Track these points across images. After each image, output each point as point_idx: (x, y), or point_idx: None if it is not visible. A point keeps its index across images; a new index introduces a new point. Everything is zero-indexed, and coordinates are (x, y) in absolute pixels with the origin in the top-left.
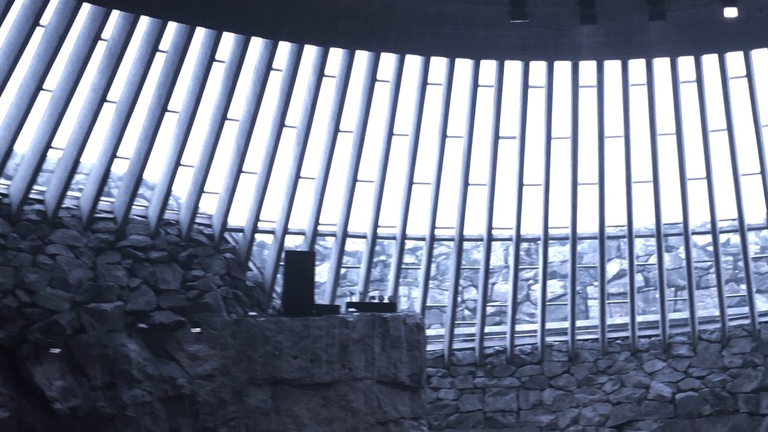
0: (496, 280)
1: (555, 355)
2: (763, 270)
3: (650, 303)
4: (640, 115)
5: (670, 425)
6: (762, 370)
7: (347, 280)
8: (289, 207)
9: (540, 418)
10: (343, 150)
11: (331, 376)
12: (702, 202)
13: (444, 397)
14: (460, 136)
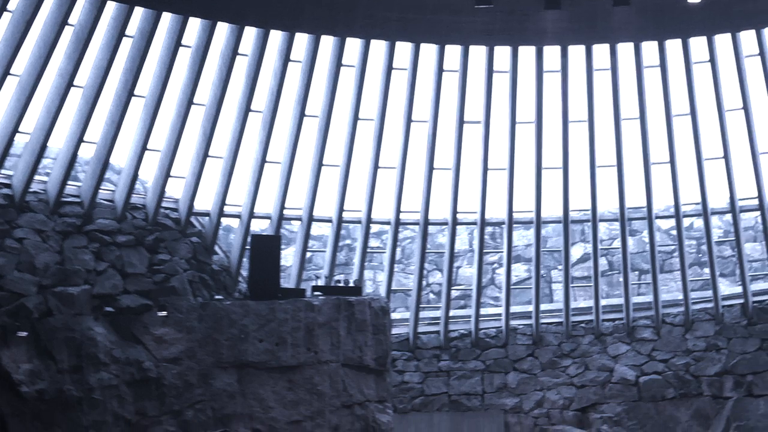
0: (460, 263)
1: (519, 338)
2: (726, 254)
3: (614, 287)
4: (604, 99)
5: (633, 408)
6: (725, 353)
7: (313, 263)
8: (254, 191)
9: (504, 401)
10: (309, 134)
11: (296, 359)
12: (665, 187)
13: (409, 380)
14: (425, 121)
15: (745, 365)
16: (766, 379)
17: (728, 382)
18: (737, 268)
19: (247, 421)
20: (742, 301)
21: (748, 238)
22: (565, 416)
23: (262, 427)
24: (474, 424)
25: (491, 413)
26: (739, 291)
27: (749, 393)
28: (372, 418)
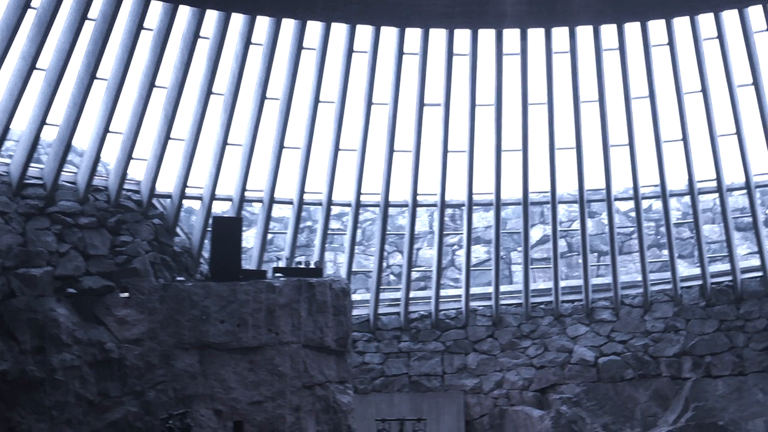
0: (421, 245)
1: (479, 319)
2: (685, 235)
3: (573, 268)
4: (563, 82)
5: (592, 389)
6: (684, 334)
7: (274, 245)
8: (216, 173)
9: (464, 382)
10: (270, 117)
11: (257, 340)
12: (624, 169)
13: (370, 361)
14: (385, 104)
15: (703, 346)
16: (724, 360)
17: (687, 363)
18: (696, 249)
19: (208, 402)
20: (701, 282)
21: (706, 220)
22: (524, 397)
23: (223, 408)
24: (434, 405)
25: (451, 394)
26: (698, 272)
27: (708, 374)
28: (333, 398)
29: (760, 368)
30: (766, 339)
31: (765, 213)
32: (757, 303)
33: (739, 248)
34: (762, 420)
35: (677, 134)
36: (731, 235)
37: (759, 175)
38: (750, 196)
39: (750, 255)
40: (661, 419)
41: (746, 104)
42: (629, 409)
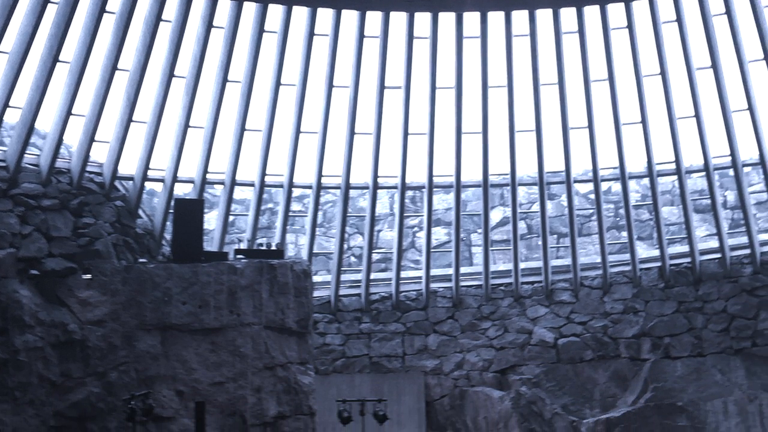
0: (381, 227)
1: (439, 301)
2: (644, 217)
3: (533, 250)
4: (523, 65)
5: (552, 370)
6: (643, 315)
7: (235, 227)
8: (178, 156)
9: (425, 363)
10: (232, 100)
11: (219, 321)
12: (584, 151)
13: (330, 342)
14: (346, 87)
15: (662, 327)
16: (683, 341)
17: (646, 344)
18: (655, 231)
19: (170, 383)
20: (660, 264)
21: (665, 202)
22: (484, 378)
23: (185, 389)
24: (395, 386)
25: (412, 375)
26: (657, 254)
27: (666, 355)
28: (294, 379)
29: (719, 349)
30: (724, 320)
31: (723, 195)
32: (716, 284)
33: (697, 230)
34: (721, 400)
35: (636, 117)
36: (690, 217)
37: (717, 157)
38: (708, 179)
39: (708, 237)
40: (620, 400)
41: (705, 87)
42: (588, 390)
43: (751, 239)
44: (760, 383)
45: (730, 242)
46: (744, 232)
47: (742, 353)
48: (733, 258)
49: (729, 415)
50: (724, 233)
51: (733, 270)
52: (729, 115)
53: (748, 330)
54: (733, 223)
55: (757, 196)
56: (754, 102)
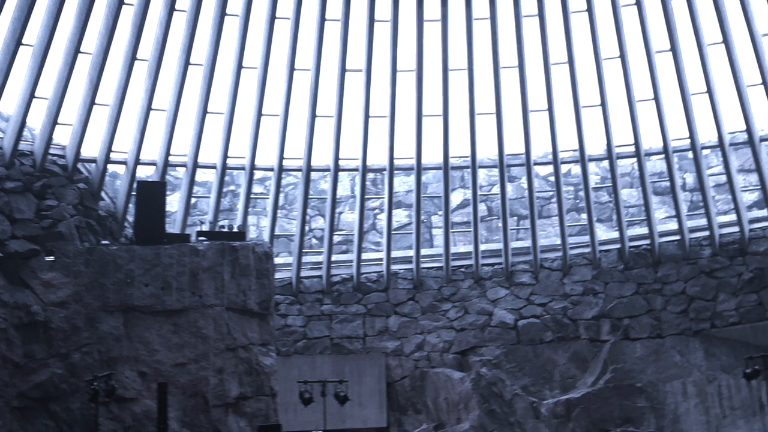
0: (342, 209)
1: (400, 282)
2: (604, 200)
3: (493, 232)
4: (484, 48)
5: (512, 351)
6: (602, 297)
7: (197, 209)
8: (140, 138)
9: (386, 344)
10: (194, 83)
11: (181, 303)
12: (544, 134)
13: (292, 323)
14: (307, 70)
15: (621, 309)
16: (642, 323)
17: (605, 325)
18: (614, 213)
19: (132, 364)
20: (619, 246)
21: (624, 184)
22: (445, 359)
23: (147, 370)
24: (356, 367)
25: (373, 356)
26: (616, 236)
27: (626, 336)
28: (255, 360)
29: (678, 330)
30: (683, 302)
31: (682, 177)
32: (675, 266)
33: (656, 212)
34: (680, 381)
35: (596, 100)
36: (649, 199)
37: (677, 140)
38: (668, 161)
39: (667, 219)
40: (580, 381)
41: (664, 70)
42: (548, 371)
43: (710, 221)
44: (719, 364)
45: (689, 224)
46: (703, 214)
47: (701, 334)
48: (692, 240)
49: (688, 396)
50: (683, 215)
51: (692, 252)
52: (688, 98)
53: (707, 311)
54: (692, 205)
55: (715, 179)
56: (712, 85)
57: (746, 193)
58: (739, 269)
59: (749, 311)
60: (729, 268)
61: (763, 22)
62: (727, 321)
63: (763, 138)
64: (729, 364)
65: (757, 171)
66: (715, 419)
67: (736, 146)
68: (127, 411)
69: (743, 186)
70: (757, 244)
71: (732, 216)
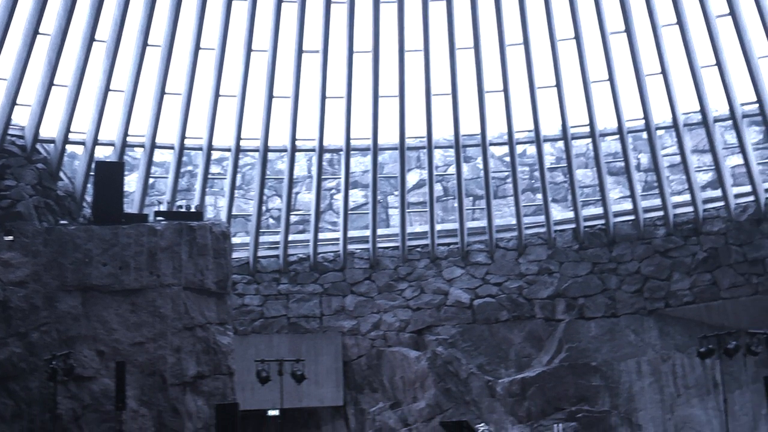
0: (299, 189)
1: (357, 262)
2: (559, 180)
3: (449, 212)
4: (439, 29)
5: (468, 330)
6: (557, 276)
7: (155, 189)
8: (99, 119)
9: (342, 324)
10: (152, 64)
11: (139, 282)
12: (499, 114)
13: (249, 303)
14: (264, 51)
15: (576, 288)
16: (597, 302)
17: (560, 304)
18: (569, 193)
19: (91, 343)
20: (574, 226)
21: (579, 165)
22: (401, 338)
23: (105, 349)
24: (312, 346)
25: (329, 335)
26: (571, 216)
27: (581, 315)
28: (213, 339)
29: (632, 310)
30: (637, 281)
31: (637, 158)
32: (629, 246)
33: (611, 192)
34: (634, 360)
35: (551, 81)
36: (604, 179)
37: (631, 120)
38: (622, 141)
39: (622, 199)
40: (535, 360)
41: (618, 51)
42: (504, 350)
43: (664, 201)
44: (674, 343)
45: (643, 204)
46: (657, 194)
47: (656, 314)
48: (647, 220)
49: (642, 375)
50: (637, 195)
51: (647, 231)
52: (642, 78)
53: (661, 291)
54: (647, 185)
55: (670, 159)
56: (667, 66)
57: (700, 174)
58: (694, 249)
59: (703, 290)
60: (683, 248)
61: (717, 3)
62: (682, 300)
63: (717, 118)
64: (683, 343)
65: (711, 151)
66: (670, 398)
67: (690, 127)
68: (86, 390)
69: (697, 166)
70: (711, 224)
71: (686, 196)
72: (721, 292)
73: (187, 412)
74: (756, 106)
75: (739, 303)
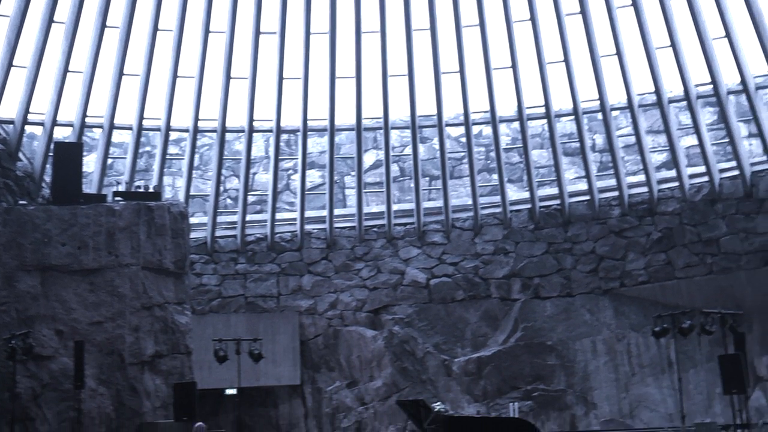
0: (257, 170)
1: (314, 242)
2: (514, 160)
3: (405, 192)
4: (396, 11)
5: (424, 309)
6: (513, 256)
7: (114, 170)
8: (57, 100)
9: (299, 303)
10: (110, 45)
11: (98, 262)
12: (456, 95)
13: (207, 282)
14: (222, 32)
15: (532, 268)
16: (552, 282)
17: (516, 284)
18: (525, 174)
19: (50, 322)
20: (530, 206)
21: (535, 145)
22: (357, 317)
23: (64, 328)
24: (270, 325)
25: (286, 314)
26: (527, 196)
27: (536, 295)
28: (171, 319)
29: (587, 289)
30: (592, 261)
31: (592, 138)
32: (584, 226)
33: (566, 173)
34: (589, 339)
35: (507, 62)
36: (559, 159)
37: (586, 101)
38: (577, 122)
39: (577, 179)
40: (491, 339)
41: (574, 32)
42: (460, 329)
43: (619, 181)
44: (628, 323)
45: (598, 184)
46: (612, 175)
47: (611, 293)
48: (602, 200)
49: (597, 354)
50: (592, 176)
51: (602, 212)
52: (597, 60)
53: (616, 270)
54: (602, 165)
55: (625, 140)
56: (622, 47)
57: (655, 154)
58: (648, 229)
59: (658, 270)
60: (638, 228)
61: None
62: (636, 280)
63: (672, 99)
64: (638, 322)
65: (666, 132)
66: (624, 377)
67: (645, 108)
68: (45, 369)
69: (652, 147)
70: (666, 204)
71: (641, 176)
72: (675, 271)
73: (145, 390)
74: (710, 87)
75: (694, 282)
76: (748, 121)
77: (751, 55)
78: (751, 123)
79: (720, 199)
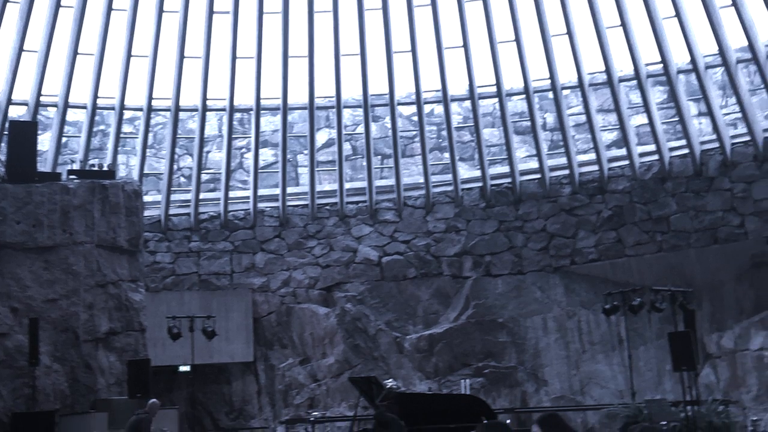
0: (210, 148)
1: (267, 220)
2: (466, 139)
3: (358, 170)
4: None
5: (376, 287)
6: (464, 234)
7: (68, 148)
8: (12, 79)
9: (252, 281)
10: (65, 24)
11: (52, 240)
12: (407, 74)
13: (161, 260)
14: (176, 11)
15: (483, 246)
16: (503, 259)
17: (467, 262)
18: (476, 152)
19: (4, 300)
20: (481, 184)
21: (486, 124)
22: (310, 295)
23: (19, 306)
24: (223, 303)
25: (239, 292)
26: (478, 175)
27: (487, 272)
28: (125, 296)
29: (538, 267)
30: (543, 239)
31: (543, 117)
32: (535, 204)
33: (517, 151)
34: (540, 317)
35: (458, 41)
36: (510, 138)
37: (537, 80)
38: (528, 101)
39: (528, 158)
40: (443, 316)
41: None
42: (412, 307)
43: (570, 160)
44: (579, 300)
45: (549, 163)
46: (563, 153)
47: (561, 271)
48: (553, 178)
49: (548, 331)
50: (543, 154)
51: (553, 190)
52: (548, 39)
53: (566, 248)
54: (553, 144)
55: (575, 118)
56: (572, 26)
57: (605, 133)
58: (598, 207)
59: (608, 248)
60: (588, 206)
61: None
62: (587, 258)
63: (622, 78)
64: (588, 300)
65: (616, 111)
66: (575, 354)
67: (596, 87)
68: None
69: (602, 126)
70: (616, 183)
71: (591, 155)
72: (625, 249)
73: (99, 367)
74: (660, 66)
75: (644, 260)
76: (698, 100)
77: (701, 35)
78: (700, 102)
79: (670, 177)
